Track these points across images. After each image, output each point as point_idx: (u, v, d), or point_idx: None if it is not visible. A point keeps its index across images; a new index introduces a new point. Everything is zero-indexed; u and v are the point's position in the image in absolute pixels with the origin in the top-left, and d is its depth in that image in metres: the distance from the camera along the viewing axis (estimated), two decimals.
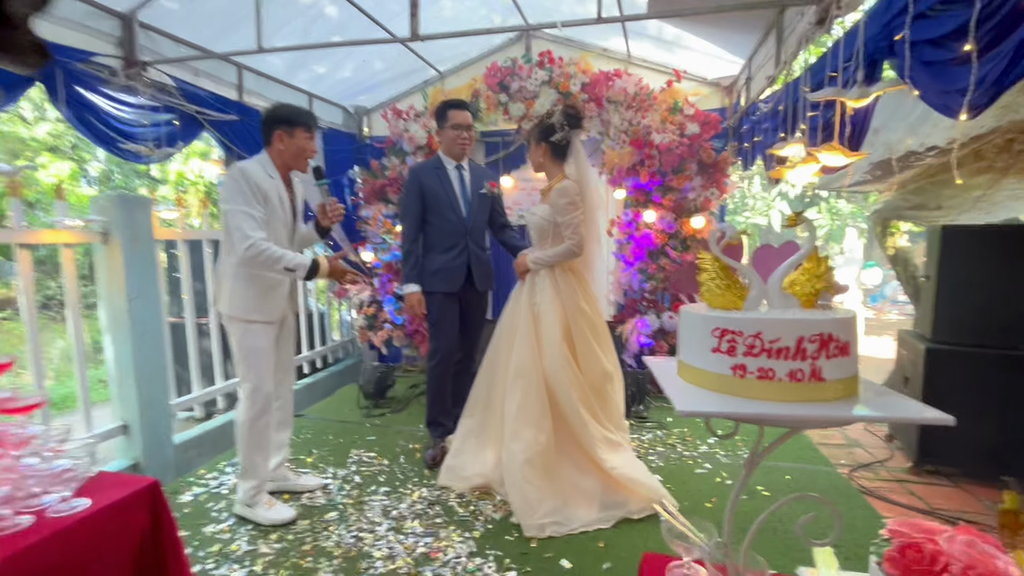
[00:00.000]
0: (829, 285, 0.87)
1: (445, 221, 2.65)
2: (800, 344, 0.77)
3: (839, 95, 1.52)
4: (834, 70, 1.70)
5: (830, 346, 0.77)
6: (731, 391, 0.79)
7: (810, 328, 0.78)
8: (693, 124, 3.53)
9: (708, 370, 0.83)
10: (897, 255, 3.60)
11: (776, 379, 0.77)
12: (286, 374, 2.40)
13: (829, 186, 4.53)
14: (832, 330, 0.79)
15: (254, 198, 2.01)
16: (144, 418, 2.63)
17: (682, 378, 0.93)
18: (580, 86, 3.64)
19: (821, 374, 0.78)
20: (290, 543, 1.99)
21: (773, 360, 0.76)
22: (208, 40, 2.94)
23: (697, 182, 3.59)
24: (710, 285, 0.92)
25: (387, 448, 2.89)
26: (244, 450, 2.13)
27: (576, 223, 2.29)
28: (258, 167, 2.09)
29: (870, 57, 1.51)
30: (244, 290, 2.07)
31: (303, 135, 2.14)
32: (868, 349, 6.38)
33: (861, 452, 2.99)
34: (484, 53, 4.20)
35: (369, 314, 4.20)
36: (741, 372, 0.78)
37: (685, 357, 0.93)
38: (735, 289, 0.90)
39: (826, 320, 0.80)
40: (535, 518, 2.03)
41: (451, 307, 2.69)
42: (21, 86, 2.19)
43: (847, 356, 0.81)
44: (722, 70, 3.79)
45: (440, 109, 2.66)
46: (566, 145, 2.34)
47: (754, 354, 0.77)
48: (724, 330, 0.79)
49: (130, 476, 1.28)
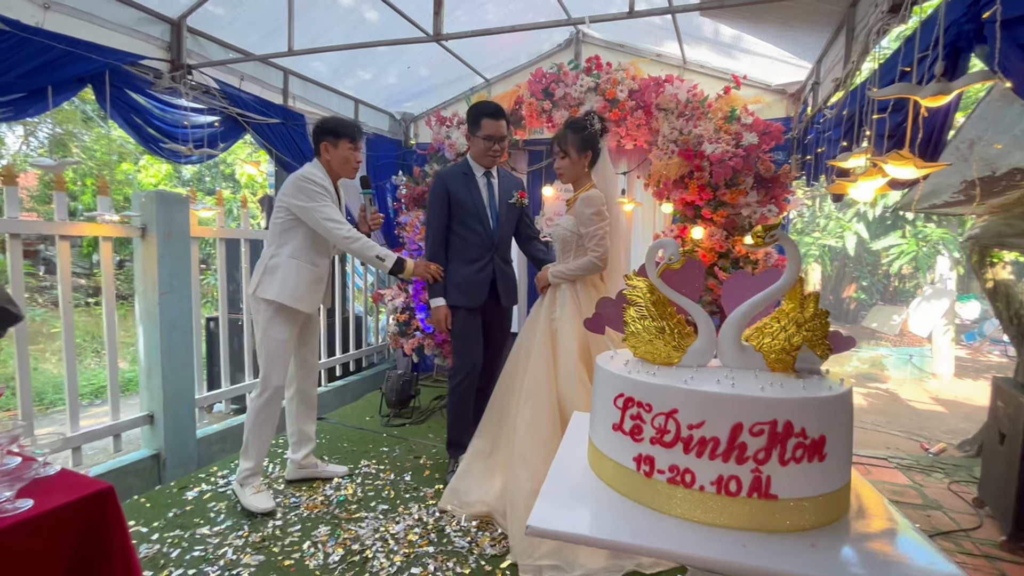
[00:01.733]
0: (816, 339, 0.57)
1: (471, 232, 2.49)
2: (736, 435, 0.49)
3: (910, 92, 1.25)
4: (908, 65, 1.41)
5: (789, 443, 0.48)
6: (634, 494, 0.50)
7: (756, 410, 0.48)
8: (751, 134, 3.21)
9: (607, 455, 0.57)
10: (997, 288, 3.08)
11: (695, 487, 0.49)
12: (310, 371, 2.53)
13: (911, 206, 4.01)
14: (794, 416, 0.49)
15: (328, 197, 2.25)
16: (168, 410, 2.68)
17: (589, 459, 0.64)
18: (627, 93, 3.42)
19: (769, 488, 0.49)
20: (274, 555, 1.91)
21: (693, 457, 0.47)
22: (253, 45, 3.02)
23: (753, 197, 3.26)
24: (637, 325, 0.64)
25: (397, 461, 2.79)
26: (248, 433, 2.28)
27: (601, 235, 2.10)
28: (318, 172, 2.29)
29: (951, 45, 1.22)
30: (296, 279, 2.24)
31: (347, 146, 2.30)
32: (959, 392, 5.60)
33: (941, 517, 2.53)
34: (532, 60, 4.09)
35: (401, 320, 4.16)
36: (647, 468, 0.49)
37: (592, 430, 0.65)
38: (672, 334, 0.62)
39: (788, 400, 0.49)
40: (533, 558, 1.84)
41: (475, 322, 2.54)
42: (72, 87, 2.31)
43: (821, 460, 0.50)
44: (788, 75, 3.44)
45: (473, 114, 2.47)
46: (599, 153, 2.21)
47: (665, 443, 0.48)
48: (628, 398, 0.51)
49: (88, 479, 1.24)
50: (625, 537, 0.49)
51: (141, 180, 8.89)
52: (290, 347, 2.31)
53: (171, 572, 1.80)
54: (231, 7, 2.72)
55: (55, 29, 2.16)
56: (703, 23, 3.08)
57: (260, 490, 2.28)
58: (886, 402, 5.28)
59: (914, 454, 3.67)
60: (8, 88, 2.06)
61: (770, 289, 0.61)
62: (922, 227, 6.78)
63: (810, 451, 0.51)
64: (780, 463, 0.50)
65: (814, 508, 0.51)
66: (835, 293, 11.72)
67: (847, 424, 0.52)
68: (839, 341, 0.58)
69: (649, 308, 0.64)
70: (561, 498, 0.59)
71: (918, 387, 5.92)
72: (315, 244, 2.31)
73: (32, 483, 1.16)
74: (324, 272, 2.38)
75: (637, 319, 0.64)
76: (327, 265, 2.41)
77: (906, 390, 5.75)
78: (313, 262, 2.31)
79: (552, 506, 0.57)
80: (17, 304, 2.01)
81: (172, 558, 1.89)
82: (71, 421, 2.36)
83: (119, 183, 8.71)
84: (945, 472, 3.38)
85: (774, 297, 0.61)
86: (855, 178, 1.64)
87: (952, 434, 4.24)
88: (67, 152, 8.33)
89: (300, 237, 2.27)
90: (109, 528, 1.20)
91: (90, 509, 1.17)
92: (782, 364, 0.59)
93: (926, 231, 6.71)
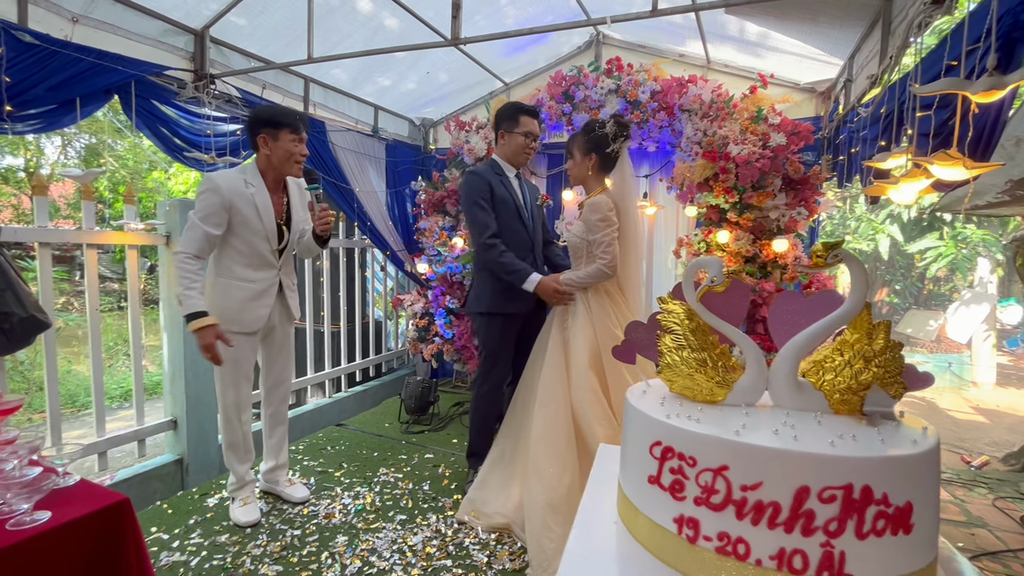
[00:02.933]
0: (888, 376, 0.48)
1: (512, 232, 2.37)
2: (802, 501, 0.40)
3: (958, 87, 1.16)
4: (955, 58, 1.32)
5: (868, 512, 0.39)
6: (674, 560, 0.42)
7: (827, 471, 0.40)
8: (779, 134, 3.10)
9: (643, 512, 0.48)
10: None
11: (750, 560, 0.40)
12: (276, 387, 2.37)
13: (953, 207, 3.83)
14: (874, 479, 0.40)
15: (217, 214, 1.95)
16: (191, 415, 2.71)
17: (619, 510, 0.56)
18: (649, 94, 3.35)
19: (843, 567, 0.40)
20: (292, 565, 1.90)
21: (747, 524, 0.38)
22: (274, 54, 3.05)
23: (781, 200, 3.14)
24: (674, 356, 0.56)
25: (416, 470, 2.76)
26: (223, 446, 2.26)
27: (608, 241, 2.06)
28: (235, 176, 2.02)
29: (1005, 36, 1.13)
30: (224, 300, 2.05)
31: (288, 137, 2.01)
32: (1002, 402, 5.33)
33: (986, 536, 2.39)
34: (551, 63, 4.05)
35: (421, 326, 4.15)
36: (691, 532, 0.41)
37: (623, 477, 0.57)
38: (715, 367, 0.54)
39: (867, 459, 0.41)
40: (548, 573, 1.78)
41: (513, 331, 2.44)
42: (100, 98, 2.36)
43: (907, 533, 0.41)
44: (818, 73, 3.32)
45: (511, 111, 2.40)
46: (615, 157, 2.14)
47: (713, 505, 0.40)
48: (667, 448, 0.42)
49: (105, 491, 1.23)
50: None
51: (171, 188, 9.14)
52: (243, 366, 2.14)
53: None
54: (252, 17, 2.75)
55: (83, 42, 2.21)
56: (728, 21, 2.99)
57: (246, 503, 2.22)
58: (923, 412, 5.05)
59: (955, 467, 3.49)
60: (39, 100, 2.11)
61: (832, 316, 0.52)
62: (961, 229, 6.47)
63: (894, 522, 0.42)
64: (857, 536, 0.41)
65: None
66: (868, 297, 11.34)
67: (935, 486, 0.44)
68: (914, 378, 0.50)
69: (688, 337, 0.56)
70: (588, 556, 0.51)
71: (957, 396, 5.66)
72: (245, 257, 2.06)
73: (51, 494, 1.16)
74: (264, 286, 2.11)
75: (674, 349, 0.56)
76: (269, 278, 2.13)
77: (945, 399, 5.50)
78: (245, 278, 2.06)
79: (578, 567, 0.49)
80: (46, 312, 2.06)
81: (191, 567, 1.89)
82: (97, 426, 2.40)
83: (150, 191, 8.97)
84: (989, 487, 3.21)
85: (837, 325, 0.53)
86: (895, 179, 1.54)
87: (995, 446, 4.03)
88: (101, 161, 8.61)
89: (227, 253, 2.05)
90: (125, 539, 1.19)
91: (106, 520, 1.16)
92: (848, 406, 0.51)
93: (965, 233, 6.40)
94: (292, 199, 2.18)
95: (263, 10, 2.73)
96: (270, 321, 2.19)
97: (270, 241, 2.09)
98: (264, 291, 2.12)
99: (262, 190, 2.05)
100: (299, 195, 2.23)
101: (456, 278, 4.03)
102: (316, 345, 3.79)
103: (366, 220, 3.85)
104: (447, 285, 4.05)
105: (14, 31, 1.95)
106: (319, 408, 3.60)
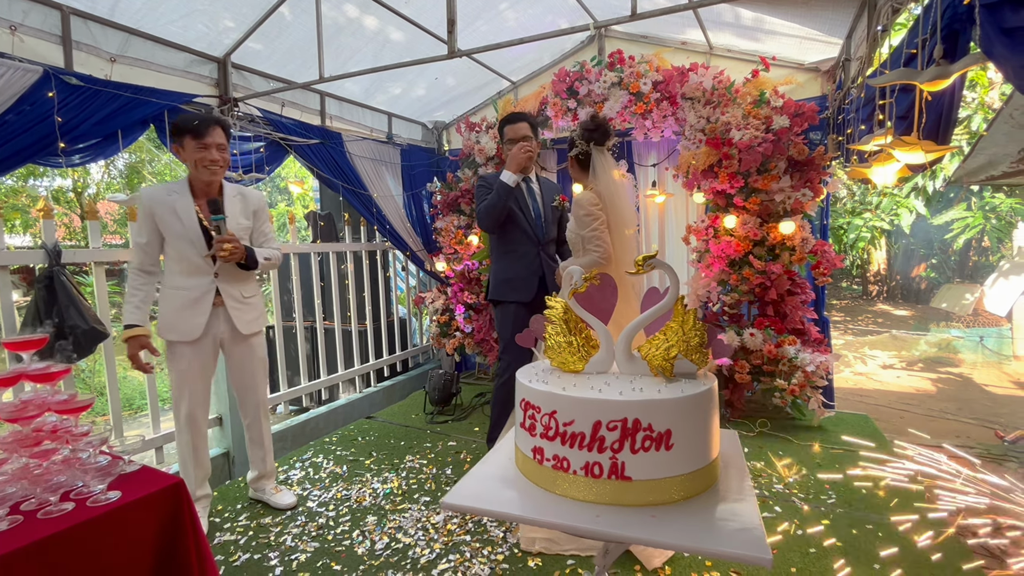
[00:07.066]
0: (691, 348, 0.67)
1: (519, 232, 2.61)
2: (597, 430, 0.60)
3: (909, 77, 1.23)
4: (914, 48, 1.38)
5: (638, 435, 0.60)
6: (533, 477, 0.64)
7: (612, 410, 0.60)
8: (781, 117, 3.13)
9: (519, 447, 0.70)
10: None
11: (570, 471, 0.61)
12: (248, 393, 2.36)
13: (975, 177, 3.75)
14: (641, 414, 0.60)
15: (143, 225, 2.07)
16: (234, 413, 2.97)
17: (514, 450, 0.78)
18: (651, 85, 3.42)
19: (624, 471, 0.60)
20: (327, 542, 2.11)
21: (568, 447, 0.60)
22: (291, 73, 3.26)
23: (786, 182, 3.17)
24: (553, 340, 0.77)
25: (439, 456, 2.95)
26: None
27: (596, 235, 2.20)
28: (161, 187, 2.14)
29: (948, 28, 1.19)
30: (164, 307, 2.13)
31: (192, 144, 2.03)
32: None
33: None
34: (556, 59, 4.14)
35: (442, 322, 4.34)
36: (539, 457, 0.63)
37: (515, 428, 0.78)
38: (578, 347, 0.75)
39: (638, 401, 0.61)
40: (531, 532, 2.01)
41: (524, 318, 2.53)
42: (138, 129, 2.60)
43: (668, 449, 0.61)
44: (821, 52, 3.31)
45: (499, 127, 2.67)
46: (586, 159, 2.29)
47: (549, 437, 0.61)
48: (527, 402, 0.64)
49: (163, 474, 1.44)
50: (516, 510, 0.63)
51: None
52: (195, 376, 2.16)
53: (239, 556, 2.04)
54: (268, 42, 2.95)
55: (120, 79, 2.45)
56: (723, 8, 3.02)
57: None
58: (958, 388, 4.95)
59: (987, 442, 3.47)
60: (86, 135, 2.36)
61: (652, 309, 0.71)
62: (990, 198, 6.23)
63: (656, 442, 0.62)
64: (631, 451, 0.62)
65: (662, 488, 0.63)
66: (903, 272, 10.95)
67: (701, 419, 0.61)
68: (720, 349, 0.66)
69: (561, 325, 0.77)
70: (480, 478, 0.71)
71: (995, 371, 5.50)
72: (179, 264, 2.12)
73: (119, 478, 1.38)
74: (198, 294, 2.12)
75: (553, 334, 0.76)
76: (203, 285, 2.13)
77: (981, 374, 5.36)
78: (179, 286, 2.11)
79: (472, 484, 0.69)
80: (103, 323, 2.32)
81: (240, 544, 2.13)
82: (153, 424, 2.67)
83: None
84: (1020, 461, 3.19)
85: (656, 315, 0.71)
86: (869, 163, 1.61)
87: None
88: (141, 177, 9.14)
89: (168, 262, 2.14)
90: (183, 514, 1.40)
91: (166, 498, 1.37)
92: (663, 370, 0.70)
93: (994, 202, 6.15)
94: (230, 207, 2.17)
95: (278, 35, 2.93)
96: (212, 332, 2.17)
97: (196, 246, 2.10)
98: (198, 299, 2.12)
99: (184, 196, 2.10)
100: (241, 203, 2.24)
101: (473, 274, 4.20)
102: (345, 343, 4.04)
103: (385, 223, 4.05)
104: (465, 281, 4.22)
105: (63, 76, 2.19)
106: (351, 403, 3.84)
